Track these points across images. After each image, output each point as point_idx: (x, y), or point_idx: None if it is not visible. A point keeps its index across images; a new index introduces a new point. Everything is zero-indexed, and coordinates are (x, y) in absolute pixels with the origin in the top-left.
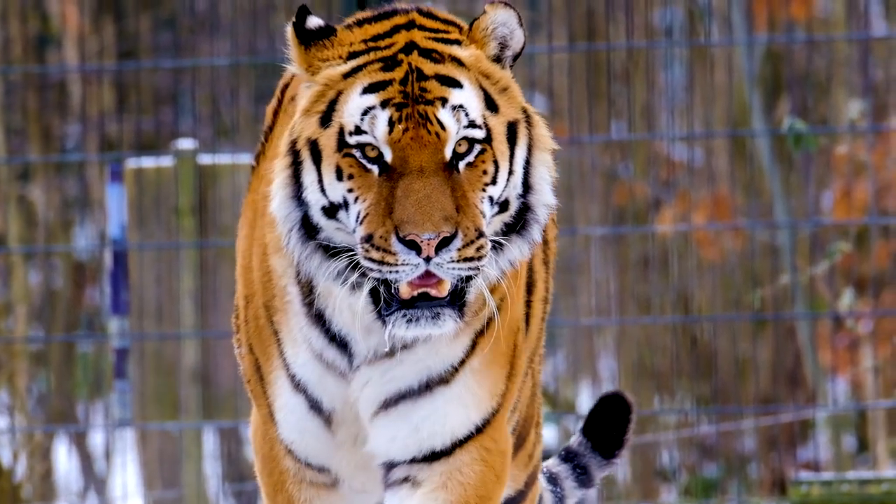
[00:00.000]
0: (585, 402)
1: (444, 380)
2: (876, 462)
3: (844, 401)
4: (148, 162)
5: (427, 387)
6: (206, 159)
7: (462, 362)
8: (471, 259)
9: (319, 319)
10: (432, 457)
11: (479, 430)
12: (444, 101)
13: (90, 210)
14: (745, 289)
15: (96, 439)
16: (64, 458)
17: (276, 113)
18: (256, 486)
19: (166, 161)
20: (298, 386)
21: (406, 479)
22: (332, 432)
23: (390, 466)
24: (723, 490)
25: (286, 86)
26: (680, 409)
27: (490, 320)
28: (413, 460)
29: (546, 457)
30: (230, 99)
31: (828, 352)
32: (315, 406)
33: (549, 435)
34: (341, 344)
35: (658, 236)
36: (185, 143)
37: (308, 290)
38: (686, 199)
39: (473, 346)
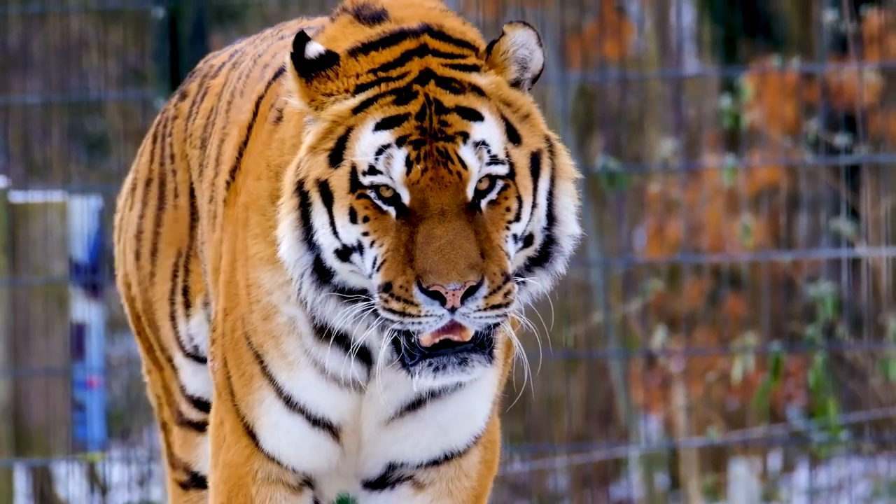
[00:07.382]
0: None
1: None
2: (688, 500)
3: (657, 439)
4: None
5: (447, 389)
6: (17, 197)
7: None
8: (498, 306)
9: (341, 338)
10: (445, 459)
11: (483, 427)
12: (465, 136)
13: None
14: (557, 326)
15: None
16: None
17: (249, 127)
18: None
19: None
20: (295, 407)
21: (407, 479)
22: (341, 443)
23: (392, 467)
24: None
25: (260, 98)
26: None
27: None
28: (425, 464)
29: None
30: (42, 136)
31: (640, 390)
32: (319, 422)
33: None
34: (365, 356)
35: None
36: None
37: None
38: None
39: None
